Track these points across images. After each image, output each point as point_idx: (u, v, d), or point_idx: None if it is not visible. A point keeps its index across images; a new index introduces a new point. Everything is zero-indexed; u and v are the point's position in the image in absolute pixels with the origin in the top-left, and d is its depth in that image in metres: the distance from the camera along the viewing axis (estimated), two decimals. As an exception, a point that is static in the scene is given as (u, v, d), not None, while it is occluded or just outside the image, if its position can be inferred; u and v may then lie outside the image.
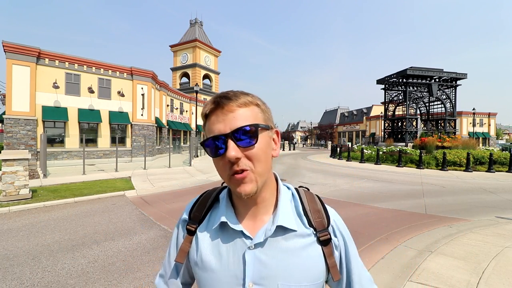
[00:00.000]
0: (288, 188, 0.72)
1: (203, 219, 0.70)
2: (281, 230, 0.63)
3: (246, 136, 0.56)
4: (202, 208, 0.71)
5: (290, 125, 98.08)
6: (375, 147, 21.63)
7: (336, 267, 0.65)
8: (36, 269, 3.33)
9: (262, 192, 0.63)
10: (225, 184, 0.76)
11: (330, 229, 0.67)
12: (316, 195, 0.73)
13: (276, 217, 0.63)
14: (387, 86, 23.85)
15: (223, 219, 0.64)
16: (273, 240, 0.62)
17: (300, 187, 0.75)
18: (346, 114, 60.56)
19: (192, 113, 28.60)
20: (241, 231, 0.63)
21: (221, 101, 0.58)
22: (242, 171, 0.57)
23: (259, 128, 0.58)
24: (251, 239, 0.63)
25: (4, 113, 13.56)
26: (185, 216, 0.73)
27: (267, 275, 0.60)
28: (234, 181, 0.58)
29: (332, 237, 0.67)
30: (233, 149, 0.55)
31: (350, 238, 0.71)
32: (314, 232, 0.65)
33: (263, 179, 0.60)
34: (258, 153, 0.58)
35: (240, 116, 0.57)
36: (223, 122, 0.57)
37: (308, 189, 0.75)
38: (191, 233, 0.69)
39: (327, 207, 0.71)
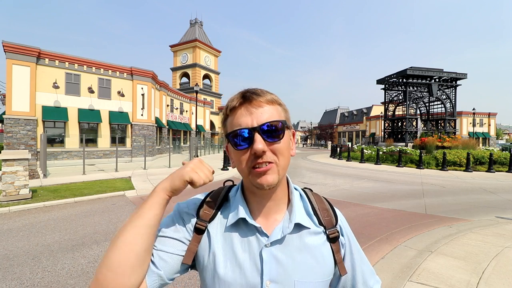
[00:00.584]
0: (296, 188, 0.73)
1: (213, 218, 0.67)
2: (297, 228, 0.65)
3: (273, 131, 0.59)
4: (212, 206, 0.68)
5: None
6: (375, 147, 21.63)
7: (343, 262, 0.68)
8: (36, 269, 3.33)
9: (277, 189, 0.64)
10: (227, 184, 0.76)
11: (338, 227, 0.69)
12: (323, 196, 0.75)
13: (293, 215, 0.64)
14: (387, 86, 23.85)
15: (242, 215, 0.63)
16: (289, 237, 0.64)
17: (305, 188, 0.77)
18: (346, 114, 60.55)
19: (192, 113, 28.60)
20: (258, 228, 0.63)
21: (250, 96, 0.60)
22: (267, 163, 0.58)
23: (285, 125, 0.61)
24: (267, 236, 0.63)
25: (4, 113, 13.56)
26: (192, 212, 0.68)
27: (284, 273, 0.61)
28: (256, 173, 0.59)
29: (340, 235, 0.69)
30: (260, 142, 0.57)
31: (353, 235, 0.74)
32: (324, 230, 0.67)
33: (283, 173, 0.63)
34: (282, 147, 0.61)
35: (267, 112, 0.60)
36: (251, 116, 0.59)
37: (312, 190, 0.77)
38: (200, 232, 0.65)
39: (334, 206, 0.74)
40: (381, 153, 17.29)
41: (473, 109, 34.34)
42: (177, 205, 0.71)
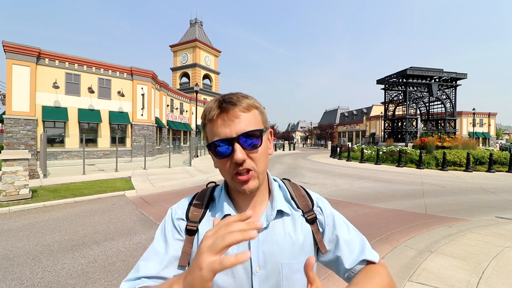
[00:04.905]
0: (275, 179, 0.79)
1: (202, 217, 0.71)
2: (279, 214, 0.71)
3: (251, 140, 0.63)
4: (200, 207, 0.73)
5: (290, 125, 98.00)
6: (375, 147, 21.62)
7: (323, 241, 0.73)
8: (36, 269, 3.33)
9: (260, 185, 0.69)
10: (210, 185, 0.80)
11: (315, 209, 0.75)
12: (300, 185, 0.82)
13: (275, 203, 0.70)
14: (387, 86, 23.83)
15: (227, 211, 0.68)
16: (273, 224, 0.69)
17: (283, 179, 0.83)
18: (346, 114, 60.54)
19: (192, 113, 28.60)
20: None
21: (226, 107, 0.62)
22: (247, 171, 0.63)
23: (262, 132, 0.65)
24: None
25: (4, 113, 13.56)
26: (181, 216, 0.71)
27: (271, 258, 0.66)
28: (239, 180, 0.64)
29: (318, 215, 0.75)
30: (240, 152, 0.61)
31: (337, 212, 0.78)
32: (302, 214, 0.73)
33: (263, 176, 0.68)
34: (260, 155, 0.65)
35: (244, 121, 0.62)
36: (229, 127, 0.62)
37: (290, 180, 0.83)
38: (192, 233, 0.69)
39: (310, 191, 0.80)
40: (381, 153, 17.28)
41: (473, 109, 34.35)
42: (170, 210, 0.75)
